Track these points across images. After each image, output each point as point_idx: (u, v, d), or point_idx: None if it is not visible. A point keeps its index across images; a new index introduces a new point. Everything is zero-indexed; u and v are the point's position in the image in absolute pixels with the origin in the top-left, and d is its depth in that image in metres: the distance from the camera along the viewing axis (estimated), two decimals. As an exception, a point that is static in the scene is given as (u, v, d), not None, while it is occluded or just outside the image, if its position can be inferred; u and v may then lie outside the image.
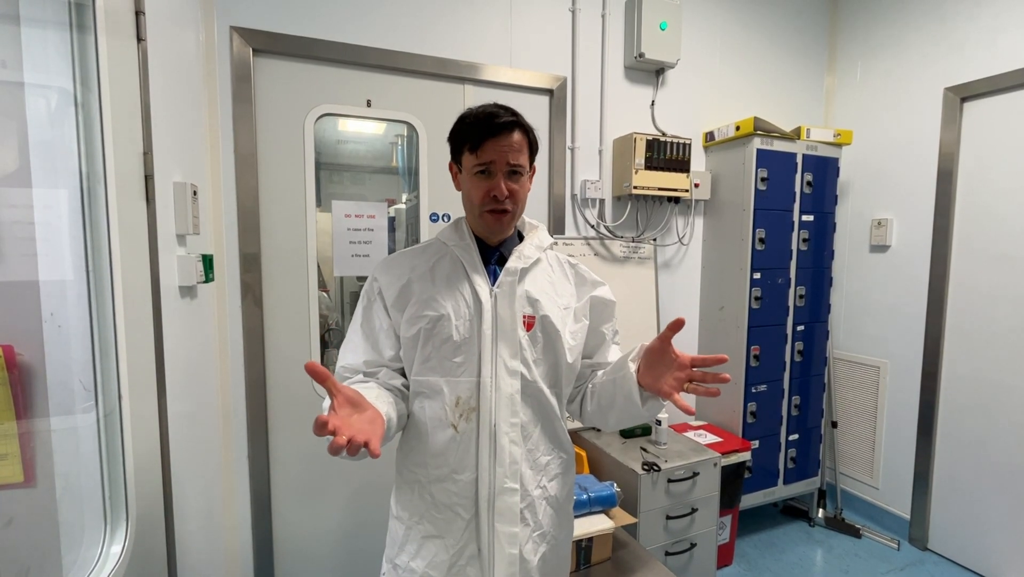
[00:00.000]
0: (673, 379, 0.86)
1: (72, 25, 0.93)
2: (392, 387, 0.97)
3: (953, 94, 2.30)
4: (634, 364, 0.92)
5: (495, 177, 0.93)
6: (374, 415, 0.79)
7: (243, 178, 1.77)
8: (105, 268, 0.97)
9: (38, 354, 0.88)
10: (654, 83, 2.41)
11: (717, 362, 0.83)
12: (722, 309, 2.48)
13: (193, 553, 1.40)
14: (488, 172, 0.93)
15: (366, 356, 0.99)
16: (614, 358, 1.07)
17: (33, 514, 0.88)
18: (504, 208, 0.95)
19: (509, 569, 0.93)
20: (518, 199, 0.96)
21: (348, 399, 0.76)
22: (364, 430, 0.72)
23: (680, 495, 2.00)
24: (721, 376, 0.83)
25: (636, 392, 0.90)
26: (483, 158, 0.92)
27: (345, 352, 1.01)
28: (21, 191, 0.88)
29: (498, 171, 0.93)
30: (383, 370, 0.99)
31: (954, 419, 2.34)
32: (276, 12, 1.77)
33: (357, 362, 0.98)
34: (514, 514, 0.94)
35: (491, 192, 0.93)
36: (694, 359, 0.85)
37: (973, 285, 2.26)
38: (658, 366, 0.88)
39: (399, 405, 0.94)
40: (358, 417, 0.76)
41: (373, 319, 1.00)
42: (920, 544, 2.44)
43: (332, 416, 0.70)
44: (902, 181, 2.51)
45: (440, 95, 2.05)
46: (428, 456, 0.95)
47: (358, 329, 1.01)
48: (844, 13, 2.77)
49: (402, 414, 0.95)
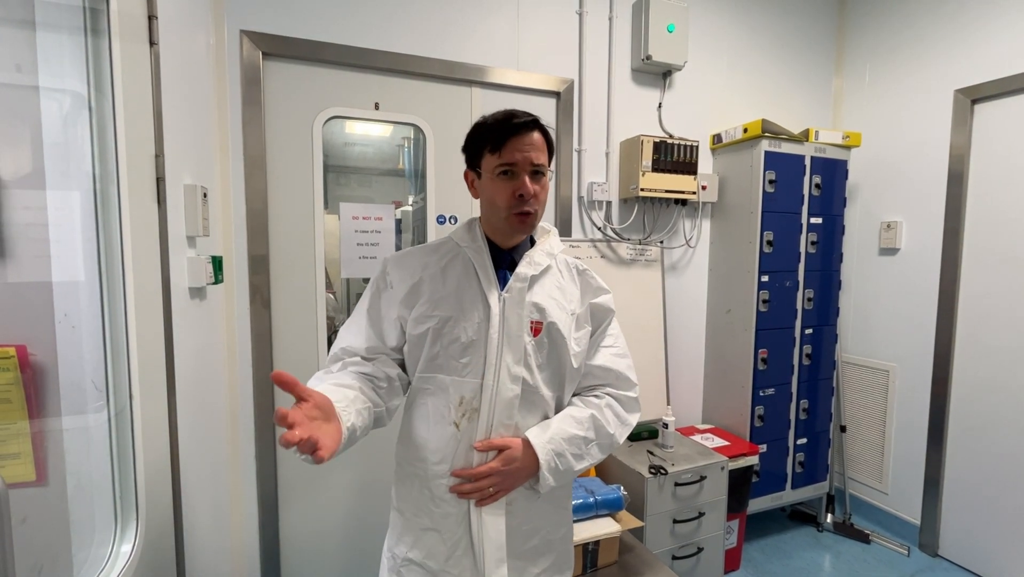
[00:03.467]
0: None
1: (86, 30, 0.95)
2: (384, 376, 0.97)
3: (964, 96, 2.28)
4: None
5: (519, 177, 0.93)
6: (336, 429, 0.78)
7: (252, 180, 1.79)
8: (117, 269, 0.98)
9: (51, 354, 0.89)
10: (661, 85, 2.40)
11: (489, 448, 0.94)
12: (729, 312, 2.47)
13: (201, 552, 1.40)
14: (512, 173, 0.93)
15: (369, 342, 0.99)
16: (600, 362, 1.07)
17: (45, 513, 0.89)
18: (530, 209, 0.94)
19: (497, 554, 0.95)
20: (541, 200, 0.96)
21: (317, 405, 0.76)
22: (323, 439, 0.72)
23: (687, 499, 1.99)
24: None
25: None
26: (506, 158, 0.92)
27: (346, 334, 1.01)
28: (35, 193, 0.89)
29: (522, 171, 0.93)
30: (382, 357, 0.99)
31: (965, 424, 2.31)
32: (285, 16, 1.78)
33: (359, 346, 0.99)
34: (499, 505, 0.96)
35: (517, 192, 0.93)
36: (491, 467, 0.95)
37: (985, 288, 2.24)
38: None
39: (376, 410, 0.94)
40: (320, 424, 0.75)
41: (381, 307, 1.01)
42: (930, 550, 2.41)
43: (295, 411, 0.71)
44: (912, 184, 2.49)
45: (448, 98, 2.05)
46: (428, 451, 0.96)
47: (364, 313, 1.01)
48: (852, 14, 2.76)
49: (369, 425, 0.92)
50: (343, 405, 0.83)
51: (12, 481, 0.81)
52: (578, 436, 0.98)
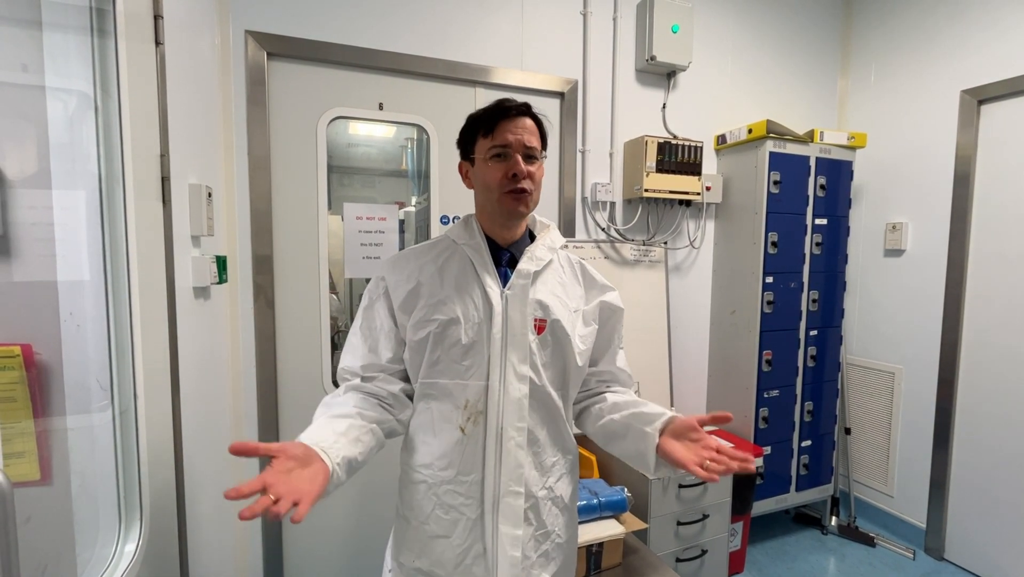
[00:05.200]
0: (696, 456, 0.86)
1: (93, 30, 0.95)
2: (388, 395, 0.96)
3: (970, 96, 2.26)
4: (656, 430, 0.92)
5: (512, 158, 0.92)
6: (316, 471, 0.75)
7: (256, 180, 1.79)
8: (122, 268, 0.98)
9: (56, 353, 0.89)
10: (665, 86, 2.40)
11: (723, 420, 0.86)
12: (733, 313, 2.46)
13: (204, 552, 1.41)
14: (504, 155, 0.93)
15: (363, 360, 0.98)
16: (620, 365, 1.07)
17: (49, 512, 0.89)
18: (524, 188, 0.93)
19: (512, 571, 0.93)
20: (536, 180, 0.96)
21: (290, 456, 0.73)
22: (297, 489, 0.69)
23: (691, 501, 1.98)
24: (737, 457, 0.84)
25: (652, 458, 0.91)
26: (499, 139, 0.92)
27: (344, 354, 1.01)
28: (41, 193, 0.89)
29: (515, 152, 0.92)
30: (380, 375, 0.97)
31: (972, 426, 2.29)
32: (290, 16, 1.78)
33: (356, 365, 0.97)
34: (518, 517, 0.94)
35: (510, 171, 0.92)
36: (701, 419, 0.89)
37: (991, 290, 2.23)
38: (684, 439, 0.89)
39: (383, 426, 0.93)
40: (298, 473, 0.72)
41: (374, 320, 0.99)
42: (936, 554, 2.39)
43: (267, 472, 0.68)
44: (918, 184, 2.48)
45: (451, 98, 2.05)
46: (434, 457, 0.95)
47: (357, 332, 1.00)
48: (858, 14, 2.75)
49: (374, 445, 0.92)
50: (330, 442, 0.80)
51: (17, 480, 0.81)
52: None
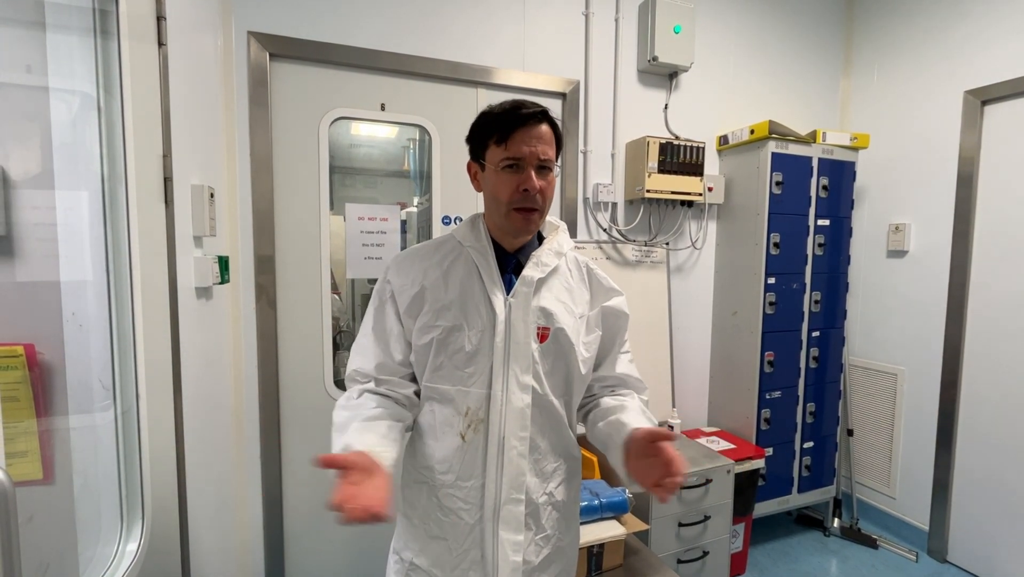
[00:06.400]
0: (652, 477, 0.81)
1: (96, 31, 0.95)
2: (403, 397, 0.96)
3: (973, 97, 2.26)
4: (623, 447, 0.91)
5: (525, 171, 0.89)
6: (382, 478, 0.76)
7: (259, 181, 1.79)
8: (125, 269, 0.99)
9: (58, 353, 0.89)
10: (667, 86, 2.40)
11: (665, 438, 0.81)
12: (735, 314, 2.45)
13: (206, 551, 1.41)
14: (517, 167, 0.89)
15: (377, 360, 0.97)
16: (621, 370, 1.05)
17: (51, 511, 0.89)
18: (534, 206, 0.91)
19: (513, 576, 0.93)
20: (547, 197, 0.93)
21: (361, 469, 0.74)
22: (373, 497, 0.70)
23: (693, 502, 1.98)
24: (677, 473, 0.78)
25: (625, 476, 0.91)
26: (512, 151, 0.88)
27: (356, 355, 0.99)
28: (44, 193, 0.89)
29: (528, 165, 0.89)
30: (393, 378, 0.97)
31: (974, 428, 2.28)
32: (292, 17, 1.79)
33: (369, 367, 0.96)
34: (519, 523, 0.93)
35: (521, 186, 0.89)
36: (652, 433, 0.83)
37: (995, 292, 2.22)
38: (644, 457, 0.85)
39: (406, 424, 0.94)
40: (368, 484, 0.73)
41: (385, 321, 0.98)
42: (939, 556, 2.38)
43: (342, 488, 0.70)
44: (920, 185, 2.47)
45: (453, 98, 2.05)
46: (434, 461, 0.95)
47: (369, 332, 0.99)
48: (860, 15, 2.74)
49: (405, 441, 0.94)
50: (381, 447, 0.82)
51: (19, 479, 0.81)
52: None
